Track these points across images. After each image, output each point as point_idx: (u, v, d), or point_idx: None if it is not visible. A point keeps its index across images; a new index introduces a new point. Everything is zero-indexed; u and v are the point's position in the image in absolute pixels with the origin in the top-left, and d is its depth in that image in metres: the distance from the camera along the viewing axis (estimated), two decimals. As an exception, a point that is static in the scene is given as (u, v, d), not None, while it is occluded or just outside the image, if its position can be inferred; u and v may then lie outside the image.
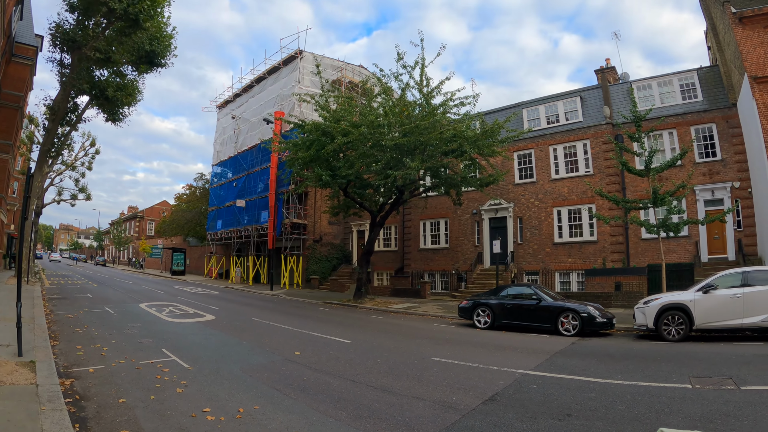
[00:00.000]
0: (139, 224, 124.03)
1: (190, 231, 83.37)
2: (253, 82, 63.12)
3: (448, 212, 42.40)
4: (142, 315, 23.41)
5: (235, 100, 68.04)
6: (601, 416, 8.93)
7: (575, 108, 37.81)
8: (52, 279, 48.42)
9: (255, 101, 61.45)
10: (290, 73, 54.61)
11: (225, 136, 68.48)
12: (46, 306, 24.37)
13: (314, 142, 31.52)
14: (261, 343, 16.83)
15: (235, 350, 15.38)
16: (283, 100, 53.32)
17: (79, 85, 34.35)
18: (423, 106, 30.54)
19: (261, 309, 29.21)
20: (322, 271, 49.95)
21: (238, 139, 63.15)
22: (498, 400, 10.04)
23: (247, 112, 62.35)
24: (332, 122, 30.34)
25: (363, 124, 28.82)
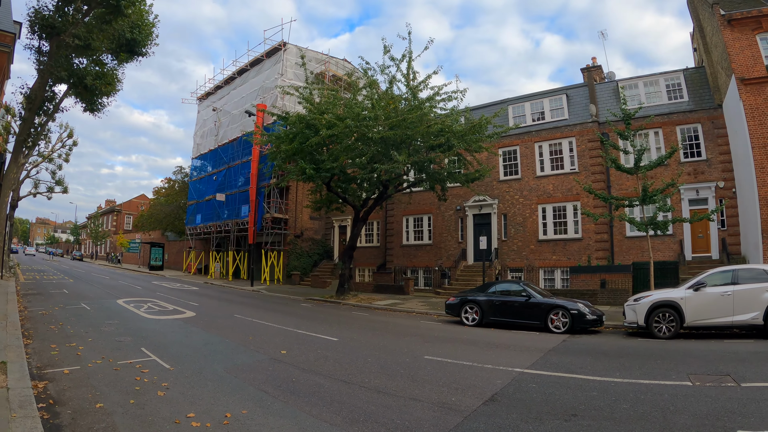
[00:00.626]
0: (117, 218, 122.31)
1: (168, 225, 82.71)
2: (236, 74, 62.24)
3: (431, 208, 42.03)
4: (120, 312, 22.60)
5: (216, 93, 67.22)
6: (606, 415, 8.75)
7: (561, 106, 37.66)
8: (28, 274, 47.53)
9: (237, 93, 60.58)
10: (273, 66, 53.89)
11: (205, 129, 67.51)
12: (21, 302, 23.56)
13: (298, 134, 30.83)
14: (245, 341, 16.29)
15: (219, 349, 14.79)
16: (266, 93, 52.56)
17: (57, 72, 33.32)
18: (409, 99, 30.15)
19: (242, 305, 28.61)
20: (303, 267, 49.28)
21: (219, 132, 62.20)
22: (499, 400, 9.75)
23: (228, 105, 61.58)
24: (316, 114, 29.77)
25: (348, 117, 28.31)
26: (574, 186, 34.43)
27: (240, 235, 54.67)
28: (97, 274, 54.07)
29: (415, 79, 30.37)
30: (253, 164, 49.50)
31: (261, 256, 50.87)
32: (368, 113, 28.84)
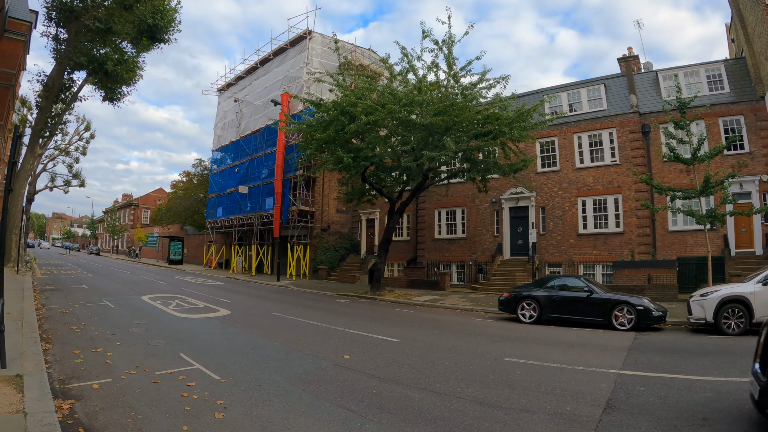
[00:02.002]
0: (134, 212, 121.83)
1: (187, 219, 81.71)
2: (257, 64, 60.59)
3: (465, 201, 40.58)
4: (147, 309, 20.71)
5: (237, 83, 65.65)
6: (743, 419, 7.87)
7: (599, 96, 36.19)
8: (45, 268, 46.08)
9: (259, 84, 58.99)
10: (298, 54, 52.27)
11: (226, 121, 66.10)
12: (38, 299, 21.86)
13: (333, 121, 29.33)
14: (296, 344, 14.43)
15: (269, 354, 12.95)
16: (291, 82, 51.05)
17: (77, 58, 32.39)
18: (452, 86, 28.93)
19: (276, 302, 26.85)
20: (330, 261, 47.82)
21: (241, 124, 60.71)
22: (617, 407, 8.65)
23: (250, 95, 60.05)
24: (353, 100, 28.23)
25: (389, 102, 26.89)
26: (615, 178, 33.33)
27: (264, 229, 53.28)
28: (116, 269, 52.57)
29: (455, 65, 28.95)
30: (279, 155, 48.18)
31: (286, 250, 49.57)
32: (414, 98, 27.08)
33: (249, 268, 56.14)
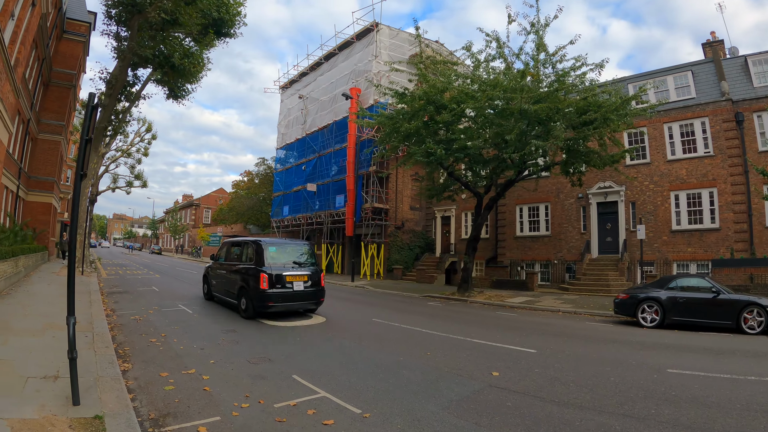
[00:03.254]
0: (196, 212, 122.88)
1: (250, 218, 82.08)
2: (322, 60, 59.72)
3: (549, 196, 38.79)
4: (231, 316, 18.83)
5: (300, 80, 64.89)
6: None
7: (686, 83, 34.18)
8: (109, 268, 45.47)
9: (324, 79, 58.08)
10: (365, 48, 51.04)
11: (290, 118, 65.40)
12: (106, 303, 20.25)
13: (418, 112, 28.13)
14: (424, 358, 12.53)
15: (402, 373, 10.85)
16: (359, 76, 49.87)
17: (142, 51, 31.91)
18: (546, 73, 27.70)
19: (366, 305, 25.42)
20: (404, 261, 46.48)
21: (306, 120, 59.93)
22: None
23: (315, 91, 59.16)
24: (444, 87, 27.56)
25: (487, 89, 25.70)
26: (709, 170, 31.44)
27: (334, 227, 52.37)
28: (182, 269, 52.31)
29: (546, 49, 27.28)
30: (350, 151, 47.22)
31: (359, 250, 48.48)
32: (517, 84, 25.79)
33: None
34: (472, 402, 8.83)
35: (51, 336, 11.52)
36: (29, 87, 32.98)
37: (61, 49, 43.77)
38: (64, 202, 67.87)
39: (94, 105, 7.67)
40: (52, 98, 43.43)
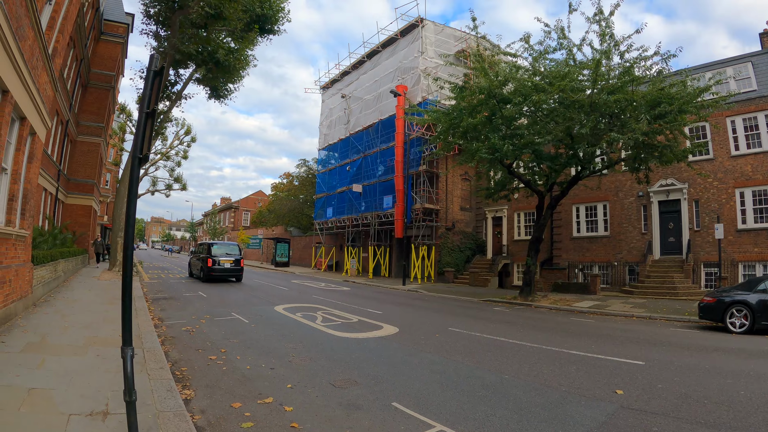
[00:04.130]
0: (234, 215, 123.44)
1: (291, 220, 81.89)
2: (364, 58, 58.51)
3: (607, 195, 37.23)
4: (291, 326, 17.17)
5: (342, 79, 63.75)
6: None
7: (747, 75, 32.44)
8: (151, 272, 44.76)
9: (368, 78, 56.93)
10: (410, 44, 49.86)
11: (333, 118, 64.38)
12: (152, 311, 18.99)
13: (479, 106, 27.12)
14: (529, 376, 11.01)
15: (515, 394, 9.46)
16: (405, 73, 48.82)
17: (185, 48, 31.19)
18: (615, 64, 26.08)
19: (433, 312, 23.70)
20: (455, 263, 45.37)
21: (350, 120, 58.75)
22: None
23: (358, 90, 58.09)
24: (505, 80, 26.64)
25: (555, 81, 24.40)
26: None
27: (381, 229, 51.16)
28: None
29: (615, 38, 25.66)
30: (398, 150, 45.98)
31: (407, 252, 47.15)
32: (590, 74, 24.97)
33: (363, 270, 54.61)
34: (613, 428, 7.67)
35: (95, 354, 10.09)
36: (67, 87, 33.06)
37: (99, 51, 44.06)
38: (102, 205, 67.58)
39: (156, 70, 6.02)
40: (90, 100, 43.60)
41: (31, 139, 15.16)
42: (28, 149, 15.02)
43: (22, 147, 13.72)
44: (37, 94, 14.12)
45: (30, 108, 13.81)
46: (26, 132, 13.90)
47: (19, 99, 12.31)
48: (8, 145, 12.84)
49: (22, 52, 11.60)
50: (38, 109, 14.84)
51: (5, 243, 12.52)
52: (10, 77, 11.14)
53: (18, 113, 13.12)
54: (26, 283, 15.23)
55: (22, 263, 14.74)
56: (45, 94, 15.81)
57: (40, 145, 16.44)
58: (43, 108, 15.32)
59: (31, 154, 15.25)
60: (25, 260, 15.26)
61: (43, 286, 18.72)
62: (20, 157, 13.60)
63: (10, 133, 12.92)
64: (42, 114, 15.45)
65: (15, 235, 13.33)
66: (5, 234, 12.39)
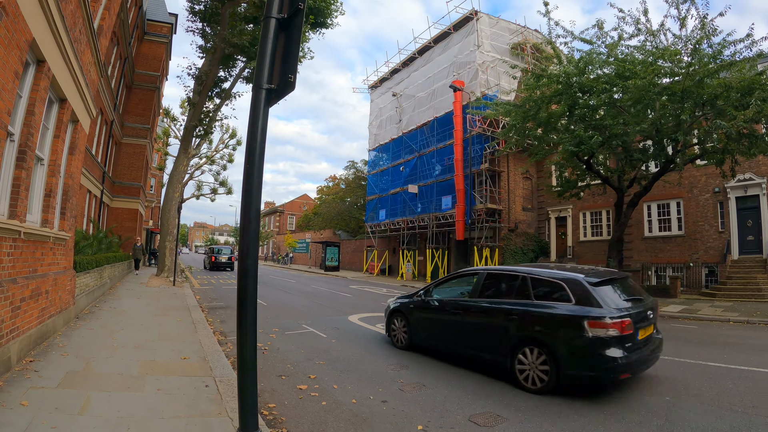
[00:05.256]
0: (280, 219, 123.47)
1: (339, 224, 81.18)
2: (416, 54, 57.02)
3: (681, 191, 35.17)
4: (377, 341, 15.15)
5: (392, 77, 62.45)
6: None
7: None
8: (200, 278, 43.77)
9: (419, 75, 55.58)
10: (465, 38, 48.31)
11: (383, 118, 63.07)
12: (212, 324, 16.94)
13: (556, 96, 25.81)
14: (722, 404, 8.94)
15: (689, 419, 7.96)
16: (461, 68, 47.48)
17: (238, 39, 29.85)
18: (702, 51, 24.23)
19: None
20: None
21: (402, 119, 57.51)
22: None
23: (410, 88, 56.86)
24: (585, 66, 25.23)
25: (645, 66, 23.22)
26: None
27: (439, 231, 49.44)
28: (277, 277, 50.57)
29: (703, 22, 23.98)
30: (457, 148, 44.42)
31: (473, 254, 45.18)
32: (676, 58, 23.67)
33: (420, 274, 53.16)
34: None
35: (155, 388, 8.05)
36: (112, 85, 32.99)
37: (143, 51, 44.23)
38: (147, 210, 66.65)
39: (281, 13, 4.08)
40: (135, 101, 43.76)
41: (72, 128, 13.59)
42: (69, 138, 13.34)
43: (62, 134, 11.94)
44: (80, 74, 12.27)
45: (71, 88, 12.27)
46: (66, 116, 12.24)
47: (58, 74, 10.71)
48: (45, 130, 11.14)
49: (63, 15, 9.81)
50: (81, 93, 13.15)
51: (41, 247, 10.66)
52: (46, 41, 9.38)
53: (57, 92, 11.55)
54: (67, 293, 13.68)
55: (62, 270, 13.25)
56: (89, 77, 13.90)
57: (84, 136, 14.55)
58: (86, 92, 13.56)
59: (72, 145, 13.67)
60: (65, 267, 13.83)
61: (86, 296, 17.49)
62: (59, 146, 11.81)
63: (47, 116, 11.24)
64: (85, 98, 13.69)
65: (53, 237, 11.55)
66: (41, 236, 10.57)
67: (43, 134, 10.77)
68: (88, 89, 13.51)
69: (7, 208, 8.48)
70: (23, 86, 8.94)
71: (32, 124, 9.26)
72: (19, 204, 8.63)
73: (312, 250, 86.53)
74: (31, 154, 9.25)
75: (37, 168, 10.70)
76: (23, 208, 8.92)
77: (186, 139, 34.11)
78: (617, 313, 9.29)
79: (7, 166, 8.47)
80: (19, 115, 8.83)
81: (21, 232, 8.90)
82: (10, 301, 8.32)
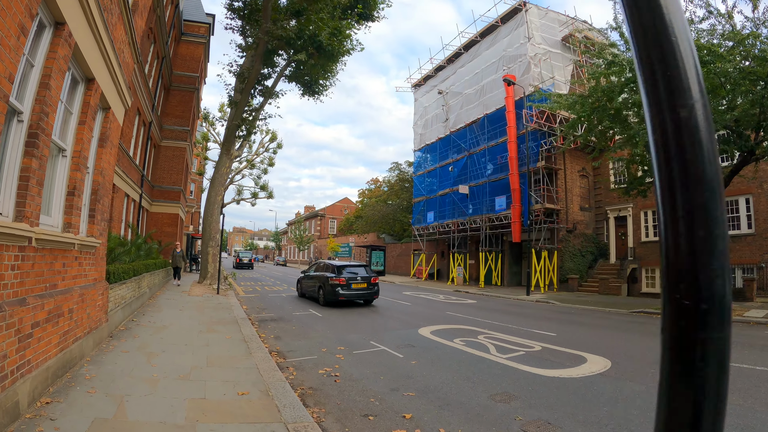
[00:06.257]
0: (321, 223, 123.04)
1: (383, 227, 79.38)
2: (461, 50, 55.15)
3: (750, 187, 32.34)
4: (465, 361, 12.52)
5: (436, 75, 60.70)
6: None
7: None
8: (243, 284, 42.38)
9: (466, 71, 53.63)
10: (514, 31, 46.38)
11: (428, 117, 61.27)
12: (265, 340, 14.86)
13: (629, 84, 23.95)
14: None
15: None
16: (512, 62, 45.39)
17: (282, 32, 28.47)
18: None
19: (611, 330, 19.05)
20: (578, 269, 41.61)
21: (449, 117, 55.53)
22: None
23: (457, 85, 54.93)
24: None
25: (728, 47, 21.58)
26: None
27: (493, 233, 47.11)
28: None
29: None
30: (511, 146, 42.50)
31: (527, 256, 42.49)
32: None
33: (472, 278, 51.21)
34: None
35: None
36: (149, 84, 31.96)
37: (180, 52, 43.87)
38: (188, 216, 65.69)
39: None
40: (174, 102, 43.15)
41: (102, 116, 11.72)
42: (99, 128, 11.45)
43: (88, 120, 9.94)
44: (110, 50, 10.62)
45: (100, 66, 10.38)
46: (94, 100, 10.24)
47: (82, 44, 8.88)
48: (68, 115, 9.21)
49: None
50: (112, 74, 11.26)
51: (62, 257, 8.69)
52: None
53: (82, 68, 9.55)
54: (98, 309, 11.83)
55: (92, 283, 11.28)
56: (123, 58, 12.12)
57: (117, 128, 12.62)
58: (119, 74, 11.68)
59: (103, 136, 11.77)
60: (96, 279, 11.85)
61: (122, 310, 15.70)
62: (85, 135, 9.80)
63: (71, 99, 9.43)
64: (118, 82, 11.77)
65: (78, 244, 9.52)
66: (61, 243, 8.57)
67: (65, 120, 8.88)
68: (121, 72, 11.60)
69: (12, 208, 6.55)
70: (36, 53, 7.06)
71: (47, 100, 7.31)
72: (28, 203, 6.68)
73: (355, 254, 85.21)
74: (45, 139, 7.28)
75: (57, 160, 8.79)
76: (35, 208, 6.98)
77: (228, 140, 32.93)
78: (342, 276, 24.78)
79: (13, 152, 6.54)
80: (31, 89, 6.92)
81: (32, 238, 6.98)
82: (16, 328, 6.39)
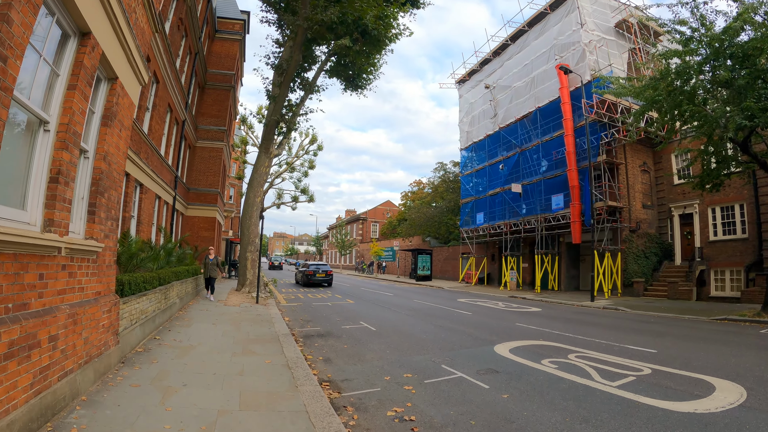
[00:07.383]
0: (363, 226, 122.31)
1: (428, 230, 78.12)
2: (508, 41, 52.99)
3: None
4: (569, 392, 9.96)
5: (482, 69, 58.50)
6: None
7: None
8: (284, 291, 39.93)
9: (513, 63, 51.44)
10: (564, 17, 44.08)
11: (474, 113, 59.03)
12: (311, 361, 12.64)
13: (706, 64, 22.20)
14: None
15: None
16: (564, 51, 42.96)
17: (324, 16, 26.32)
18: None
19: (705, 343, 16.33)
20: (643, 272, 38.63)
21: (498, 113, 53.15)
22: None
23: (504, 78, 52.65)
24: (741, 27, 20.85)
25: None
26: None
27: (548, 234, 44.79)
28: (369, 289, 46.72)
29: None
30: (568, 140, 39.82)
31: (588, 259, 41.39)
32: None
33: (525, 282, 49.05)
34: None
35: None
36: (182, 81, 31.10)
37: (215, 50, 43.38)
38: (227, 221, 64.74)
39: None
40: (209, 102, 42.37)
41: (107, 87, 9.36)
42: (103, 102, 9.17)
43: (82, 86, 7.61)
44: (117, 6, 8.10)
45: (99, 17, 8.12)
46: (91, 61, 7.90)
47: None
48: (54, 77, 6.96)
49: None
50: (119, 35, 9.09)
51: (38, 265, 6.39)
52: None
53: (72, 17, 7.19)
54: (101, 331, 9.43)
55: (92, 299, 8.91)
56: (135, 20, 9.91)
57: (129, 105, 10.49)
58: (129, 37, 9.41)
59: (108, 113, 9.32)
60: (100, 292, 9.46)
61: (142, 327, 13.37)
62: (76, 104, 7.45)
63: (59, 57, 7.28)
64: (127, 47, 9.51)
65: (66, 248, 7.18)
66: (37, 246, 6.26)
67: (50, 85, 6.69)
68: (131, 35, 9.27)
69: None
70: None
71: (7, 38, 5.11)
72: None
73: (400, 258, 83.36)
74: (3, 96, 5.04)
75: (36, 135, 6.52)
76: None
77: (267, 138, 31.11)
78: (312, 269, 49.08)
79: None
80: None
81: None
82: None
